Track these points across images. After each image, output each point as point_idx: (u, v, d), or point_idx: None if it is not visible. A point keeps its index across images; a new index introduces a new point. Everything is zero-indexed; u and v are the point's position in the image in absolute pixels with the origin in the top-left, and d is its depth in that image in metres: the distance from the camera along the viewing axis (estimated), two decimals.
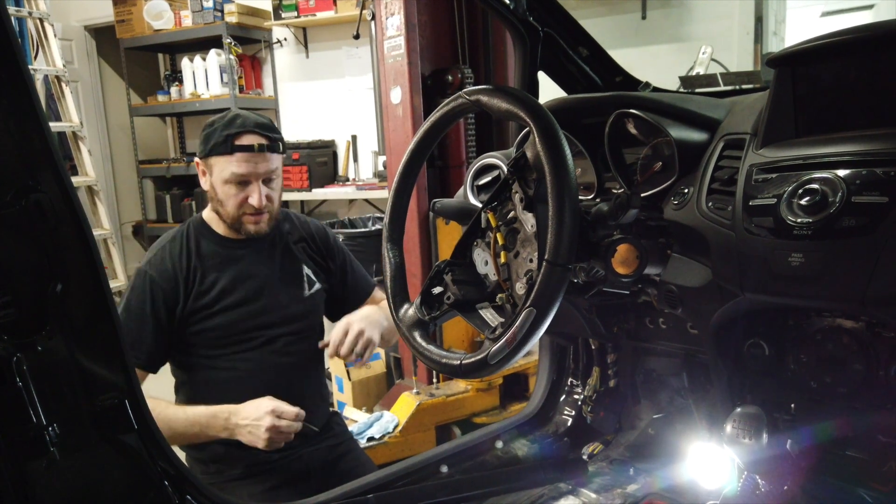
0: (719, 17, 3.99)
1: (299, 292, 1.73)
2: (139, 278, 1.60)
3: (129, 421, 0.94)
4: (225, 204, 1.61)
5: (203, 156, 1.61)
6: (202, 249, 1.65)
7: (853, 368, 1.05)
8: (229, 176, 1.57)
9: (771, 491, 1.11)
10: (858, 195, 0.92)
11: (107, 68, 6.47)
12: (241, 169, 1.56)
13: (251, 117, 1.60)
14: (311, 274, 1.76)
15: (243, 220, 1.63)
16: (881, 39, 1.00)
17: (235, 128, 1.57)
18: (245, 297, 1.63)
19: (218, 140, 1.56)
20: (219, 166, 1.58)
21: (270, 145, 1.59)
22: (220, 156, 1.57)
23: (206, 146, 1.59)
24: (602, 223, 1.08)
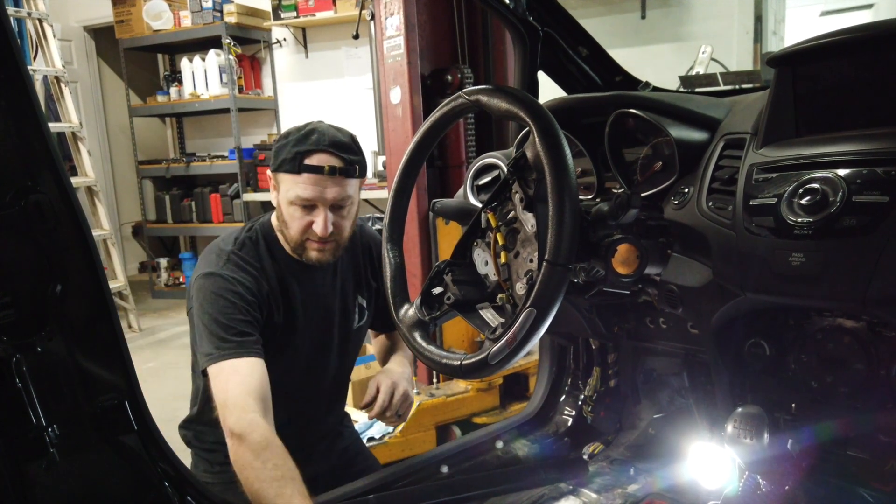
0: (719, 16, 3.99)
1: (349, 324, 1.63)
2: (220, 281, 1.41)
3: (129, 422, 0.94)
4: (289, 226, 1.46)
5: (272, 170, 1.47)
6: (276, 268, 1.51)
7: (854, 368, 1.05)
8: (294, 198, 1.41)
9: (772, 491, 1.11)
10: (859, 195, 0.92)
11: (106, 69, 6.48)
12: (307, 192, 1.40)
13: (328, 134, 1.44)
14: (364, 303, 1.66)
15: (306, 245, 1.47)
16: (881, 39, 1.00)
17: (307, 145, 1.41)
18: (300, 323, 1.52)
19: (287, 156, 1.41)
20: (285, 185, 1.43)
21: (344, 168, 1.43)
22: (287, 173, 1.42)
23: (276, 160, 1.45)
24: (602, 223, 1.08)
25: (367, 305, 1.68)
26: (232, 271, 1.43)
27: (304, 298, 1.52)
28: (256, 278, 1.45)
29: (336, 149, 1.43)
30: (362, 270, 1.67)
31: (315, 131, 1.44)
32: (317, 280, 1.56)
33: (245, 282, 1.42)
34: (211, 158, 5.71)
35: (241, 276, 1.43)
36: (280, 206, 1.47)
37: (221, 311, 1.38)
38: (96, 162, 5.58)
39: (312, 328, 1.55)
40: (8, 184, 0.82)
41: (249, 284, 1.43)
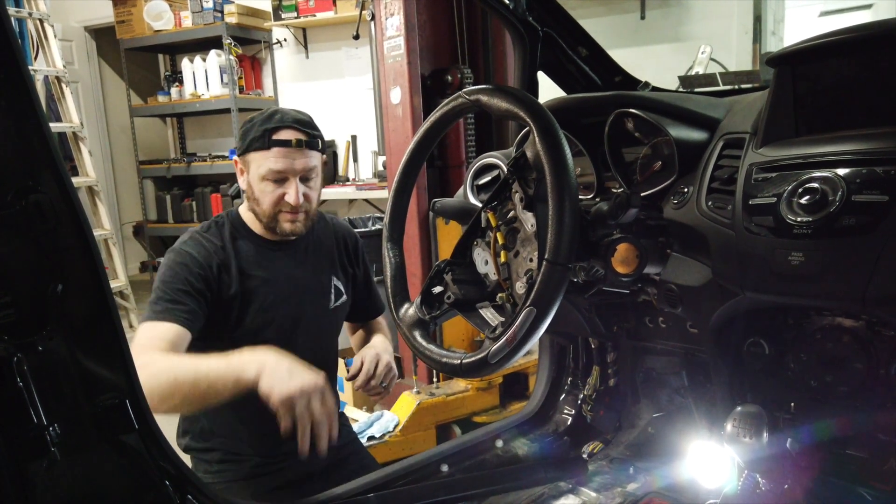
0: (718, 16, 3.99)
1: (325, 303, 1.68)
2: (172, 255, 1.53)
3: (130, 421, 0.94)
4: (261, 201, 1.56)
5: (241, 153, 1.57)
6: (238, 244, 1.60)
7: (853, 367, 1.05)
8: (266, 172, 1.53)
9: (771, 490, 1.11)
10: (858, 194, 0.92)
11: (107, 69, 6.48)
12: (278, 165, 1.52)
13: (290, 112, 1.56)
14: (340, 285, 1.72)
15: (279, 218, 1.57)
16: (880, 38, 1.00)
17: (274, 122, 1.53)
18: (272, 301, 1.58)
19: (256, 135, 1.53)
20: (256, 162, 1.54)
21: (309, 142, 1.55)
22: (257, 151, 1.53)
23: (243, 142, 1.56)
24: (602, 222, 1.08)
25: (344, 289, 1.73)
26: (188, 247, 1.53)
27: (272, 275, 1.60)
28: (210, 253, 1.54)
29: (299, 124, 1.54)
30: (336, 254, 1.74)
31: (278, 111, 1.56)
32: (287, 257, 1.64)
33: (196, 255, 1.52)
34: (212, 158, 5.71)
35: (194, 250, 1.52)
36: (251, 185, 1.57)
37: (165, 280, 1.48)
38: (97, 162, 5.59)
39: (282, 303, 1.60)
40: (8, 183, 0.82)
41: (199, 257, 1.52)
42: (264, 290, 1.58)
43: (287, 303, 1.61)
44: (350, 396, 3.13)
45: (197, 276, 1.50)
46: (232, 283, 1.55)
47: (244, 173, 1.59)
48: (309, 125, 1.57)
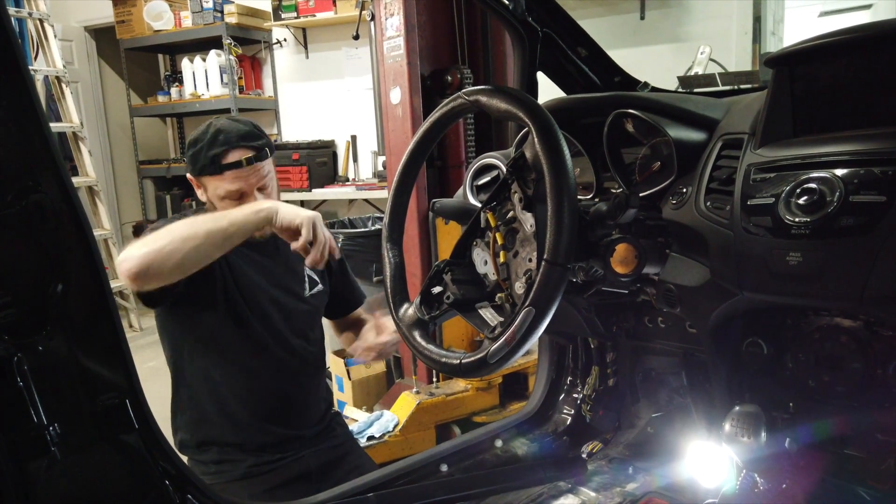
0: (718, 17, 3.99)
1: (300, 292, 1.72)
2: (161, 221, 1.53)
3: (130, 421, 0.94)
4: None
5: (195, 174, 1.60)
6: None
7: (851, 367, 1.05)
8: (224, 193, 1.56)
9: (769, 489, 1.11)
10: (856, 194, 0.92)
11: (107, 69, 6.48)
12: (234, 185, 1.55)
13: (233, 130, 1.56)
14: (314, 275, 1.75)
15: None
16: (879, 39, 1.00)
17: (219, 146, 1.54)
18: (245, 294, 1.62)
19: (204, 162, 1.55)
20: (212, 185, 1.57)
21: (258, 155, 1.57)
22: (210, 176, 1.56)
23: (194, 167, 1.58)
24: (601, 223, 1.08)
25: (318, 279, 1.75)
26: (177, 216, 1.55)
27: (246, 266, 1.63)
28: None
29: (245, 141, 1.56)
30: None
31: (220, 131, 1.56)
32: (258, 249, 1.66)
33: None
34: None
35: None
36: (211, 203, 1.61)
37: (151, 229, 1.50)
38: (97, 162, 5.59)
39: (257, 290, 1.63)
40: (9, 184, 0.82)
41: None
42: (238, 282, 1.61)
43: (261, 291, 1.64)
44: (350, 396, 3.13)
45: None
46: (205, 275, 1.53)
47: (201, 189, 1.62)
48: (255, 136, 1.58)
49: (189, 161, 1.60)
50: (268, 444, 1.63)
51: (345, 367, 3.15)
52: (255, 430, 1.63)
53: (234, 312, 1.61)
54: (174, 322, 1.63)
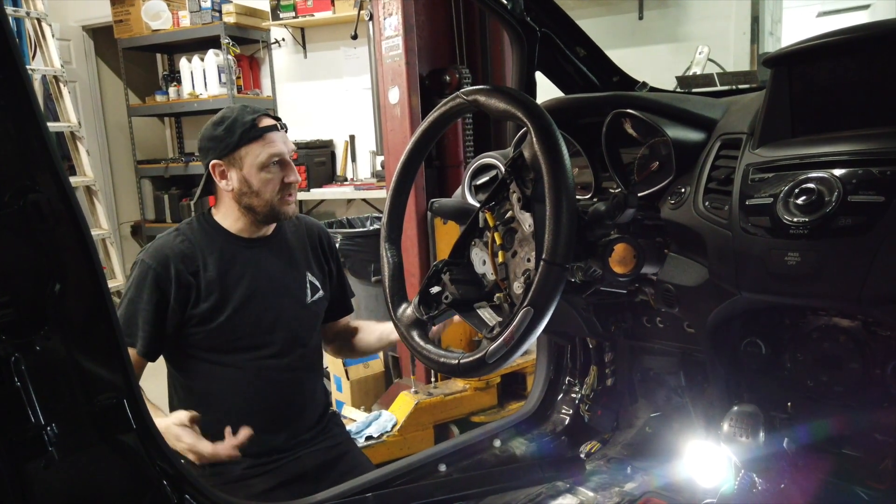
0: (716, 17, 3.99)
1: (302, 298, 1.70)
2: (138, 268, 1.57)
3: (128, 420, 0.94)
4: (263, 192, 1.58)
5: (229, 151, 1.57)
6: (209, 246, 1.61)
7: (850, 367, 1.05)
8: (266, 158, 1.56)
9: (768, 489, 1.11)
10: (854, 194, 0.93)
11: (105, 68, 6.47)
12: (275, 149, 1.57)
13: (253, 105, 1.64)
14: (316, 281, 1.74)
15: (281, 203, 1.61)
16: (877, 39, 1.01)
17: (251, 114, 1.58)
18: (249, 298, 1.61)
19: (244, 128, 1.56)
20: (252, 155, 1.57)
21: (283, 125, 1.63)
22: (251, 143, 1.56)
23: (228, 141, 1.56)
24: (599, 223, 1.08)
25: (320, 285, 1.74)
26: (156, 261, 1.55)
27: (248, 272, 1.62)
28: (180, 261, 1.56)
29: (266, 113, 1.62)
30: (310, 250, 1.76)
31: (245, 106, 1.63)
32: (262, 255, 1.66)
33: (161, 271, 1.54)
34: None
35: (160, 265, 1.55)
36: (247, 179, 1.58)
37: (131, 297, 1.54)
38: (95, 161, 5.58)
39: (258, 298, 1.62)
40: (7, 183, 0.82)
41: (166, 272, 1.54)
42: (240, 288, 1.60)
43: (264, 299, 1.63)
44: (348, 396, 3.13)
45: (160, 298, 1.53)
46: (206, 284, 1.57)
47: (227, 174, 1.60)
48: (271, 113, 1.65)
49: (218, 140, 1.58)
50: (266, 448, 1.63)
51: (343, 367, 3.15)
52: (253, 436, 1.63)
53: (234, 326, 1.60)
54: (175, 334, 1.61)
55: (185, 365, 1.63)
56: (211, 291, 1.58)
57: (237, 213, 1.64)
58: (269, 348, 1.64)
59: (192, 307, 1.57)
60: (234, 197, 1.61)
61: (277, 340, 1.64)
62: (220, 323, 1.58)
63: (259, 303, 1.62)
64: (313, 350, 1.75)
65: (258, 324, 1.62)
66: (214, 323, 1.58)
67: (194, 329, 1.58)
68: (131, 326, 1.52)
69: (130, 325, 1.52)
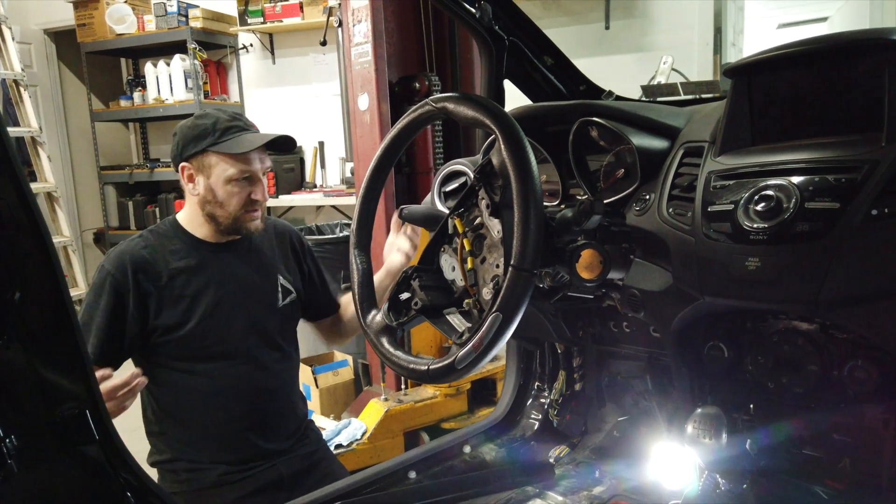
0: (680, 28, 4.08)
1: (273, 302, 1.68)
2: (97, 273, 1.54)
3: (90, 431, 0.92)
4: (227, 203, 1.55)
5: (198, 153, 1.53)
6: (174, 252, 1.58)
7: (808, 369, 1.08)
8: (235, 173, 1.53)
9: (730, 490, 1.13)
10: (811, 201, 0.95)
11: (67, 73, 6.34)
12: (247, 165, 1.54)
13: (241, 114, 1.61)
14: (287, 284, 1.72)
15: (245, 218, 1.58)
16: (833, 51, 1.04)
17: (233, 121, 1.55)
18: (217, 305, 1.58)
19: (219, 134, 1.52)
20: (222, 165, 1.53)
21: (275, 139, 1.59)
22: (222, 154, 1.53)
23: (200, 142, 1.53)
24: (566, 229, 1.09)
25: (292, 287, 1.72)
26: (117, 268, 1.52)
27: (217, 278, 1.60)
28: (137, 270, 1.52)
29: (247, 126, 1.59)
30: (279, 253, 1.73)
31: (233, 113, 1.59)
32: (230, 259, 1.63)
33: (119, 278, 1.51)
34: None
35: (117, 272, 1.51)
36: (212, 189, 1.55)
37: (89, 302, 1.51)
38: (56, 167, 5.47)
39: (227, 304, 1.59)
40: None
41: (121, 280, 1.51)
42: (207, 296, 1.58)
43: (232, 305, 1.60)
44: (318, 404, 3.10)
45: (116, 303, 1.50)
46: (170, 293, 1.54)
47: (195, 179, 1.57)
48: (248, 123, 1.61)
49: (189, 139, 1.54)
50: (242, 456, 1.61)
51: (312, 375, 3.13)
52: (227, 446, 1.60)
53: (203, 332, 1.57)
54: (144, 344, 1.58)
55: (156, 376, 1.58)
56: (176, 300, 1.55)
57: (201, 219, 1.61)
58: (241, 356, 1.61)
59: (155, 317, 1.54)
60: (199, 203, 1.59)
61: (250, 347, 1.62)
62: (188, 331, 1.55)
63: (228, 309, 1.60)
64: (289, 356, 1.73)
65: (228, 331, 1.59)
66: (182, 332, 1.55)
67: (161, 339, 1.55)
68: (85, 332, 1.48)
69: (84, 330, 1.48)
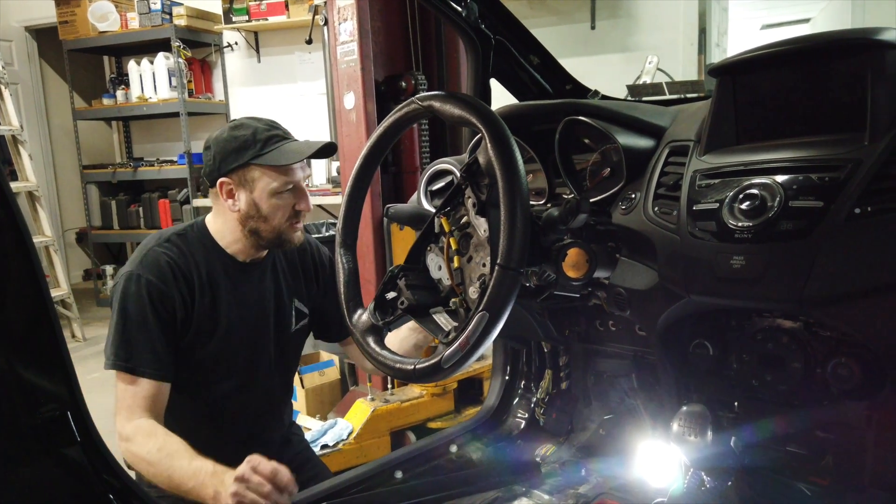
0: (665, 28, 4.11)
1: (287, 327, 1.62)
2: (133, 283, 1.40)
3: (72, 433, 0.91)
4: (272, 217, 1.46)
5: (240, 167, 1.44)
6: (208, 265, 1.49)
7: (792, 366, 1.09)
8: (280, 185, 1.44)
9: (716, 487, 1.14)
10: (795, 200, 0.96)
11: (49, 70, 6.28)
12: (291, 175, 1.46)
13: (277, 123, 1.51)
14: (303, 307, 1.65)
15: (288, 230, 1.49)
16: (816, 50, 1.05)
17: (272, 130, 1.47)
18: (238, 324, 1.51)
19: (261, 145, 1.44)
20: (266, 178, 1.44)
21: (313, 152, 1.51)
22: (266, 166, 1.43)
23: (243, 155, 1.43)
24: (553, 228, 1.09)
25: (306, 309, 1.67)
26: (149, 272, 1.41)
27: (236, 297, 1.52)
28: (175, 276, 1.43)
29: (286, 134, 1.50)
30: (301, 274, 1.67)
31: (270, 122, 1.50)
32: (252, 281, 1.56)
33: (158, 282, 1.41)
34: (159, 163, 5.58)
35: (156, 276, 1.41)
36: (256, 203, 1.46)
37: (129, 317, 1.39)
38: (38, 166, 5.40)
39: (245, 326, 1.53)
40: None
41: (163, 285, 1.42)
42: (229, 315, 1.50)
43: (250, 327, 1.54)
44: (303, 405, 3.09)
45: (162, 311, 1.41)
46: (196, 305, 1.46)
47: (235, 194, 1.46)
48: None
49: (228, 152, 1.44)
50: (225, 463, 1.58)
51: (298, 376, 3.11)
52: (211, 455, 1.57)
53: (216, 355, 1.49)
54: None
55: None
56: (202, 317, 1.47)
57: (239, 234, 1.50)
58: (247, 380, 1.55)
59: (187, 326, 1.45)
60: (240, 219, 1.48)
61: (256, 372, 1.56)
62: (210, 348, 1.48)
63: (243, 333, 1.52)
64: (291, 373, 1.70)
65: (238, 356, 1.52)
66: (205, 347, 1.47)
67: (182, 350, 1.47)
68: (141, 352, 1.37)
69: (139, 349, 1.37)
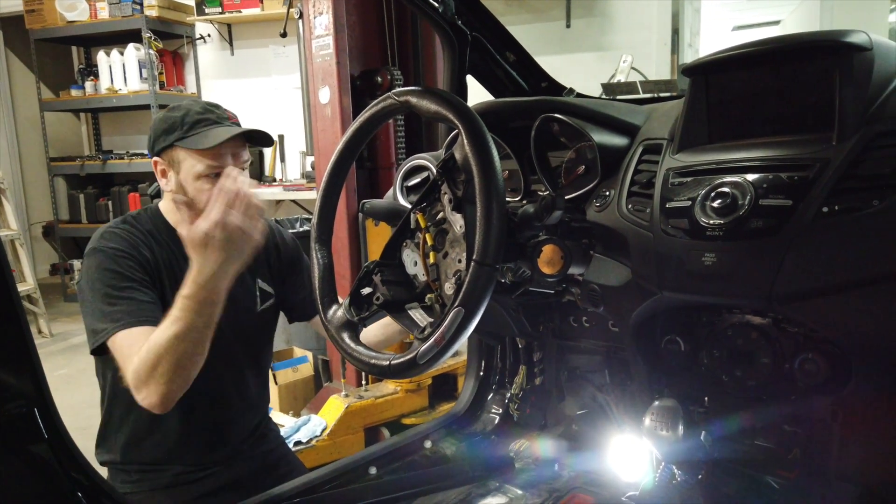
0: (639, 28, 4.15)
1: (251, 306, 1.61)
2: (95, 256, 1.40)
3: (39, 430, 0.89)
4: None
5: (166, 147, 1.44)
6: (159, 244, 1.50)
7: (761, 362, 1.11)
8: (204, 169, 1.42)
9: (686, 481, 1.16)
10: (765, 198, 0.98)
11: (15, 60, 6.13)
12: (216, 160, 1.42)
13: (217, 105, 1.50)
14: (267, 287, 1.64)
15: None
16: (787, 51, 1.07)
17: (204, 113, 1.45)
18: None
19: (187, 127, 1.42)
20: (190, 160, 1.43)
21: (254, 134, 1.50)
22: (191, 148, 1.42)
23: (168, 136, 1.43)
24: (528, 224, 1.10)
25: (271, 289, 1.65)
26: (116, 243, 1.42)
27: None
28: (141, 246, 1.44)
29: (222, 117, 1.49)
30: (262, 252, 1.60)
31: (208, 104, 1.49)
32: None
33: (129, 250, 1.42)
34: (129, 156, 5.48)
35: (124, 245, 1.42)
36: (183, 185, 1.46)
37: (107, 281, 1.37)
38: (3, 158, 5.29)
39: None
40: None
41: (133, 252, 1.42)
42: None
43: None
44: (276, 401, 3.06)
45: (130, 271, 1.40)
46: (165, 279, 1.46)
47: (167, 174, 1.49)
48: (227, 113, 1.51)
49: (158, 133, 1.45)
50: (198, 456, 1.56)
51: (271, 372, 3.08)
52: (188, 449, 1.55)
53: None
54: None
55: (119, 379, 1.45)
56: (161, 291, 1.45)
57: (178, 213, 1.49)
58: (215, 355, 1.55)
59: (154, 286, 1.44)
60: (172, 198, 1.50)
61: (222, 351, 1.50)
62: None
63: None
64: (264, 359, 1.68)
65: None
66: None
67: None
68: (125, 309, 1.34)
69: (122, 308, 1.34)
